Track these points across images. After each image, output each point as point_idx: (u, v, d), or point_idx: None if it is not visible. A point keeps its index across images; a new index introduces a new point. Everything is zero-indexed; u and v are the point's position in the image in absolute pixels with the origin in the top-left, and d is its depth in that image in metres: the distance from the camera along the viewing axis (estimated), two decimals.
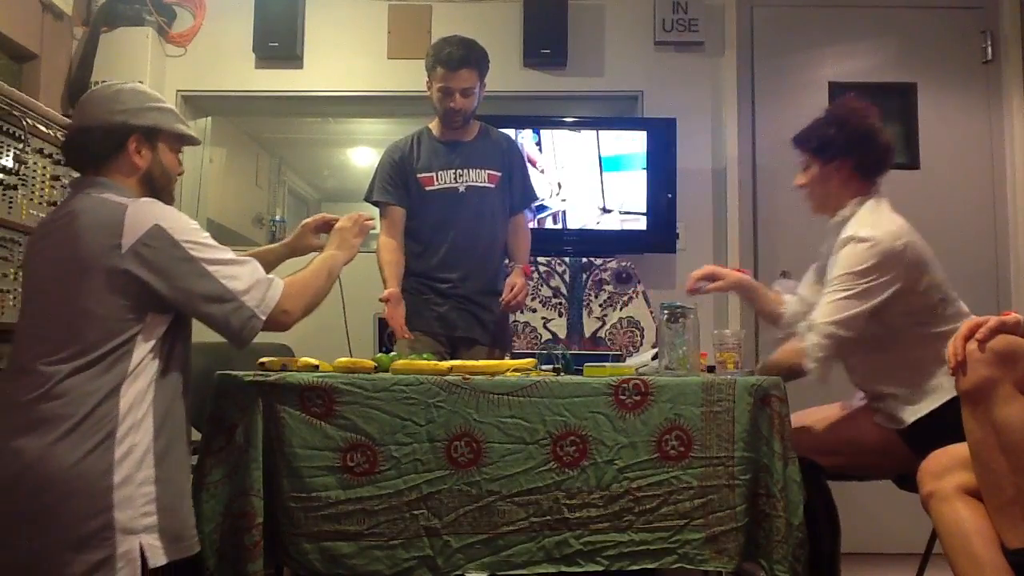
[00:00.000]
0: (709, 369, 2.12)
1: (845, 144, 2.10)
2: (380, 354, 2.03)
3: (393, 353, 2.24)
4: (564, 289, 3.35)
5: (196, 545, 1.58)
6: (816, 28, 3.65)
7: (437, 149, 2.67)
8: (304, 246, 2.05)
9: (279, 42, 3.53)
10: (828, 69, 3.62)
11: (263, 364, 1.83)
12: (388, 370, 1.88)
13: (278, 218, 4.20)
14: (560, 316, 3.34)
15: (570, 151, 3.39)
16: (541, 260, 3.34)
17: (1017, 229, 3.52)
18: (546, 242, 3.30)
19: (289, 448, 1.71)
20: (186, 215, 1.59)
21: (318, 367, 1.87)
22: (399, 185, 2.64)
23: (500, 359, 2.32)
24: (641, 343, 3.31)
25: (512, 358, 2.23)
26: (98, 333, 1.47)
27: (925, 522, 1.63)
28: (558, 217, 3.38)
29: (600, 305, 3.35)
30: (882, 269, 1.93)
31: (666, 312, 1.97)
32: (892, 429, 2.05)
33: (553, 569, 1.75)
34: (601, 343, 3.32)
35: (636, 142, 3.39)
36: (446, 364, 1.87)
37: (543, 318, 3.33)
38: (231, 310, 1.56)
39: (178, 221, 1.55)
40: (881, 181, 2.14)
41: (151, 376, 1.52)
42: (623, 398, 1.78)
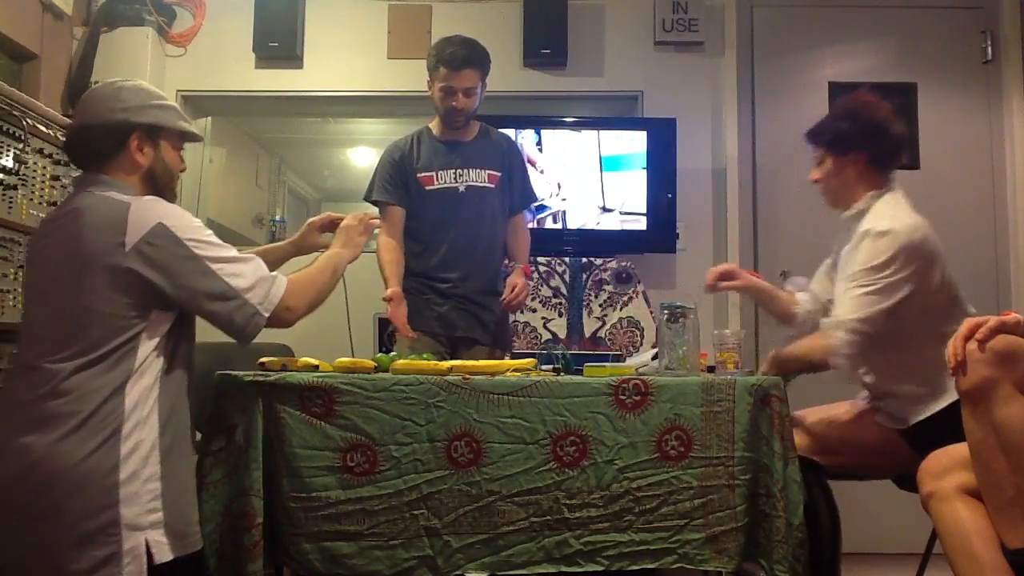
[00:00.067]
0: (709, 369, 2.12)
1: (859, 137, 2.11)
2: (380, 354, 2.03)
3: (393, 353, 2.24)
4: (564, 289, 3.35)
5: (199, 541, 1.59)
6: (816, 28, 3.65)
7: (437, 149, 2.67)
8: (310, 245, 2.06)
9: (279, 42, 3.52)
10: (828, 69, 3.62)
11: (263, 364, 1.83)
12: (388, 370, 1.88)
13: (278, 218, 4.20)
14: (560, 316, 3.33)
15: (571, 151, 3.39)
16: (541, 260, 3.33)
17: (1017, 229, 3.52)
18: (546, 242, 3.29)
19: (289, 448, 1.71)
20: (189, 213, 1.59)
21: (318, 367, 1.87)
22: (399, 185, 2.64)
23: (500, 359, 2.32)
24: (641, 343, 3.31)
25: (512, 358, 2.23)
26: (102, 331, 1.47)
27: (925, 522, 1.63)
28: (558, 217, 3.38)
29: (600, 305, 3.35)
30: (902, 261, 1.93)
31: (666, 312, 1.97)
32: (893, 429, 2.05)
33: (553, 569, 1.75)
34: (601, 343, 3.32)
35: (636, 142, 3.39)
36: (446, 364, 1.87)
37: (543, 318, 3.33)
38: (235, 307, 1.56)
39: (181, 219, 1.55)
40: (894, 175, 2.14)
41: (156, 373, 1.53)
42: (623, 398, 1.78)
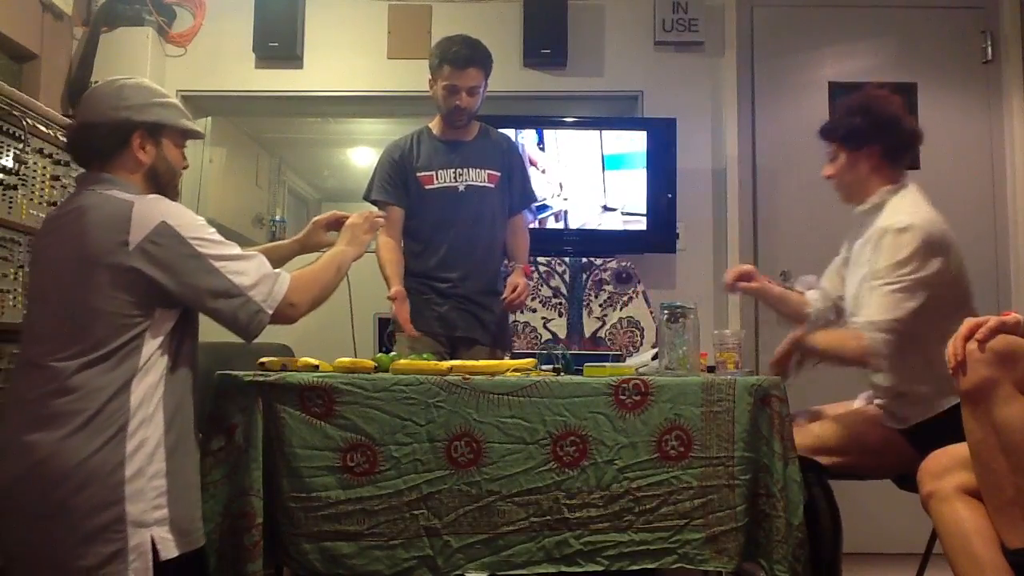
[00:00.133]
0: (709, 369, 2.12)
1: (872, 130, 2.11)
2: (380, 354, 2.03)
3: (393, 353, 2.25)
4: (564, 289, 3.35)
5: (203, 538, 1.60)
6: (816, 28, 3.65)
7: (437, 148, 2.67)
8: (315, 243, 2.06)
9: (279, 42, 3.52)
10: (828, 69, 3.62)
11: (263, 364, 1.83)
12: (388, 370, 1.88)
13: (278, 218, 4.20)
14: (560, 316, 3.33)
15: (573, 150, 3.39)
16: (541, 260, 3.33)
17: (1017, 229, 3.52)
18: (546, 242, 3.29)
19: (289, 448, 1.71)
20: (191, 211, 1.59)
21: (318, 367, 1.87)
22: (398, 184, 2.64)
23: (500, 359, 2.32)
24: (641, 343, 3.31)
25: (512, 358, 2.23)
26: (106, 329, 1.47)
27: (925, 522, 1.63)
28: (560, 216, 3.38)
29: (600, 305, 3.35)
30: (925, 254, 1.93)
31: (666, 312, 1.97)
32: (895, 428, 2.04)
33: (553, 569, 1.74)
34: (601, 343, 3.32)
35: (636, 142, 3.39)
36: (446, 364, 1.87)
37: (543, 318, 3.33)
38: (238, 305, 1.57)
39: (184, 218, 1.55)
40: (907, 171, 2.14)
41: (161, 371, 1.53)
42: (623, 398, 1.78)
